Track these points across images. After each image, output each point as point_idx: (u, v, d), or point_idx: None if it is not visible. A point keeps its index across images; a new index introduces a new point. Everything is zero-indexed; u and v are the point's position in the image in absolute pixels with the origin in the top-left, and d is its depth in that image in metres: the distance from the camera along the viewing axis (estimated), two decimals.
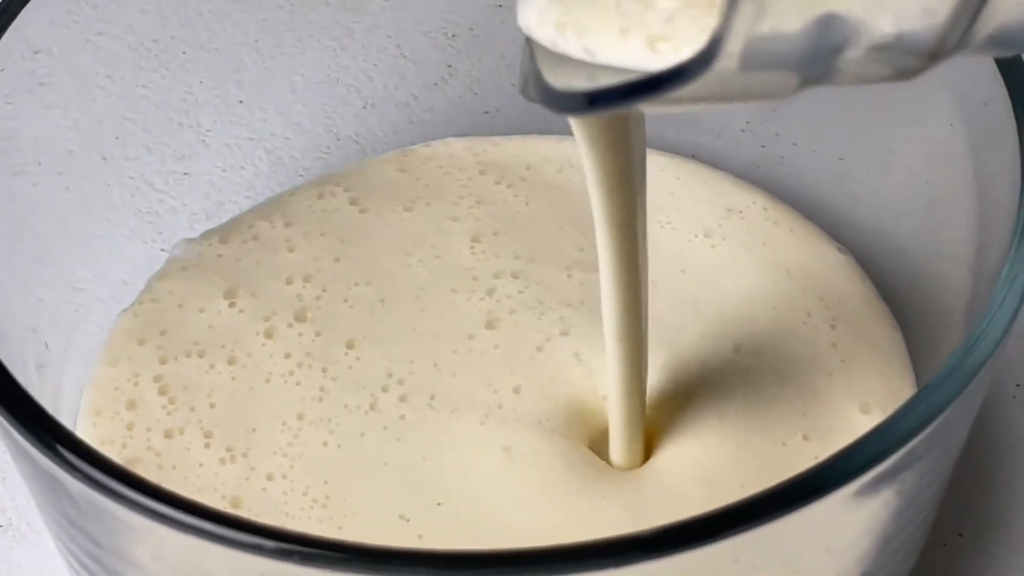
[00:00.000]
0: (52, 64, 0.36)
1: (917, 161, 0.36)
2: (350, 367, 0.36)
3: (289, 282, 0.38)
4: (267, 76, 0.41)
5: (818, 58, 0.21)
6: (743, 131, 0.41)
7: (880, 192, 0.38)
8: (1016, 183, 0.28)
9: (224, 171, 0.41)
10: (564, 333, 0.37)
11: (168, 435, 0.35)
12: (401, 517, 0.32)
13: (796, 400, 0.35)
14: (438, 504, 0.32)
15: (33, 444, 0.24)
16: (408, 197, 0.40)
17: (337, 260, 0.39)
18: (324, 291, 0.38)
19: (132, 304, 0.37)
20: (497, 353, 0.36)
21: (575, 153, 0.41)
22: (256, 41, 0.41)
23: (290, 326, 0.37)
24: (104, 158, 0.38)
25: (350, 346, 0.36)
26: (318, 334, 0.37)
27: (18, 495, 0.38)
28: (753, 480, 0.33)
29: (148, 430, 0.35)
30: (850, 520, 0.26)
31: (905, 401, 0.25)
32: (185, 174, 0.40)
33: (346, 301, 0.38)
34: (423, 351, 0.36)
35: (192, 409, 0.35)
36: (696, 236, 0.39)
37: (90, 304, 0.37)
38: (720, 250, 0.39)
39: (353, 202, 0.40)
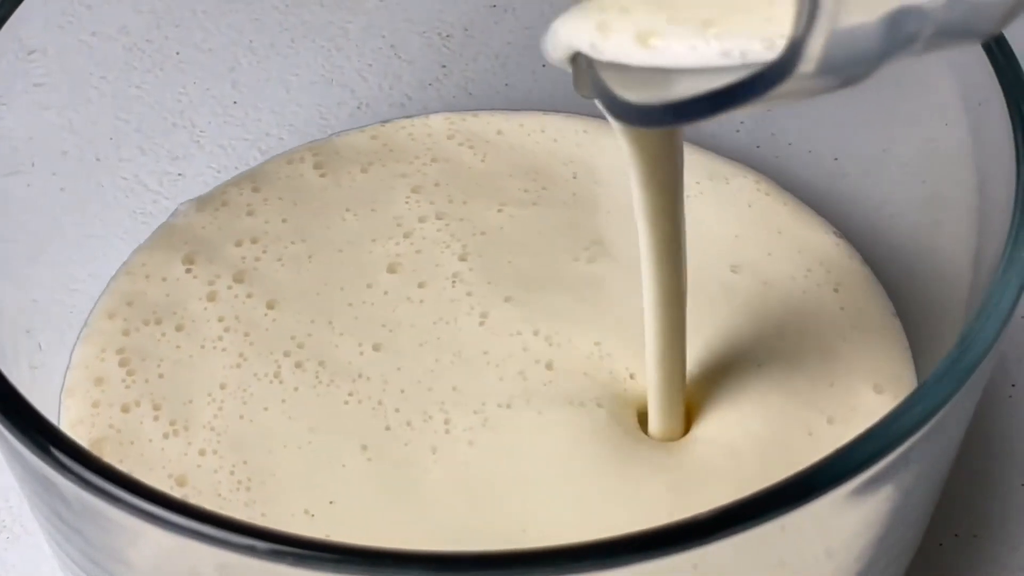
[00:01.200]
0: (46, 64, 0.36)
1: (913, 160, 0.36)
2: (266, 329, 0.36)
3: (238, 244, 0.38)
4: (261, 76, 0.41)
5: (890, 53, 0.20)
6: (738, 131, 0.41)
7: (875, 191, 0.38)
8: (1012, 182, 0.28)
9: (218, 172, 0.41)
10: (462, 259, 0.37)
11: (125, 409, 0.35)
12: (306, 512, 0.32)
13: (820, 368, 0.35)
14: (331, 503, 0.32)
15: (26, 446, 0.24)
16: (368, 160, 0.41)
17: (284, 221, 0.39)
18: (264, 252, 0.38)
19: (109, 281, 0.38)
20: (384, 300, 0.37)
21: (553, 124, 0.41)
22: (250, 41, 0.41)
23: (229, 288, 0.37)
24: (98, 159, 0.38)
25: (270, 306, 0.37)
26: (249, 295, 0.37)
27: (11, 496, 0.38)
28: (780, 453, 0.33)
29: (110, 406, 0.35)
30: (847, 520, 0.26)
31: (906, 396, 0.25)
32: (179, 175, 0.40)
33: (279, 260, 0.38)
34: (326, 307, 0.37)
35: (147, 381, 0.35)
36: None
37: (84, 305, 0.37)
38: (696, 202, 0.38)
39: (317, 166, 0.40)
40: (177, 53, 0.40)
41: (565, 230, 0.38)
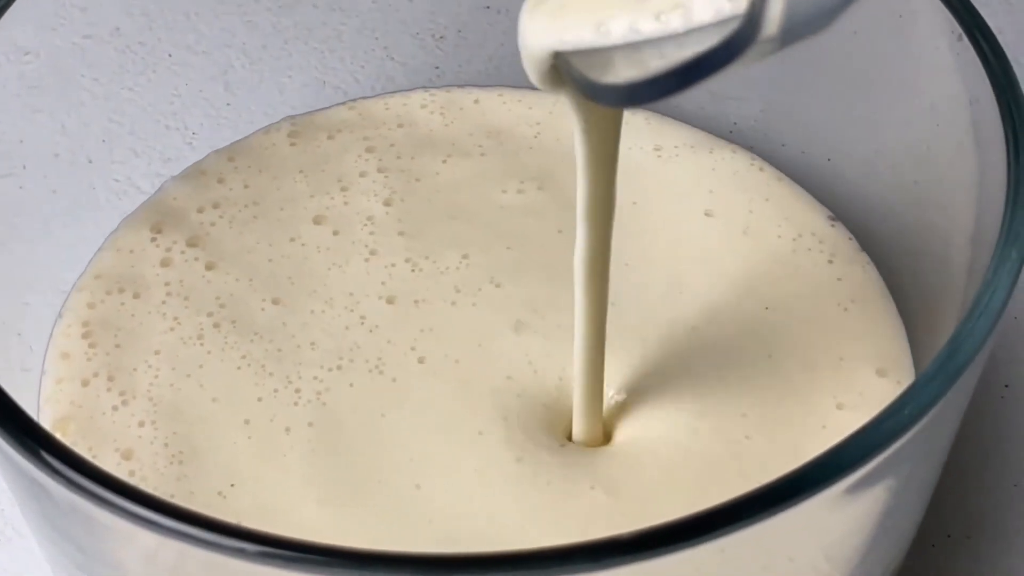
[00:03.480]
0: (38, 67, 0.36)
1: (905, 162, 0.36)
2: (202, 292, 0.36)
3: (200, 211, 0.38)
4: (254, 78, 0.41)
5: (848, 2, 0.21)
6: (731, 132, 0.40)
7: (868, 192, 0.38)
8: (1003, 183, 0.28)
9: None
10: (386, 203, 0.37)
11: (85, 383, 0.34)
12: (219, 494, 0.32)
13: (822, 343, 0.34)
14: (232, 485, 0.32)
15: (16, 449, 0.24)
16: (338, 128, 0.40)
17: (246, 187, 0.39)
18: (221, 216, 0.38)
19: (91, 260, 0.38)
20: (299, 252, 0.36)
21: (533, 95, 0.40)
22: (243, 43, 0.41)
23: (182, 252, 0.37)
24: (90, 161, 0.38)
25: (209, 268, 0.36)
26: (196, 259, 0.37)
27: (2, 499, 0.38)
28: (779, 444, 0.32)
29: (72, 381, 0.34)
30: (837, 521, 0.26)
31: (909, 382, 0.25)
32: (173, 177, 0.40)
33: (230, 223, 0.38)
34: (252, 267, 0.36)
35: (107, 353, 0.35)
36: (641, 148, 0.38)
37: None
38: (670, 165, 0.37)
39: (291, 135, 0.40)
40: (170, 55, 0.39)
41: (506, 171, 0.38)
